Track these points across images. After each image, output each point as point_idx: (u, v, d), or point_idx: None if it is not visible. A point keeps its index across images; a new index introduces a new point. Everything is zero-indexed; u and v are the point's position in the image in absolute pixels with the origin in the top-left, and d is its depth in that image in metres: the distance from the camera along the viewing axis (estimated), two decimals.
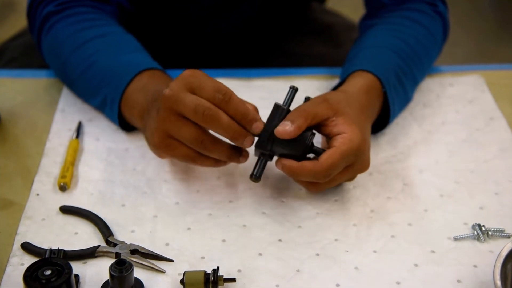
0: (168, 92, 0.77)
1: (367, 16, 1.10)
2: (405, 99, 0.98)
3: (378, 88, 0.92)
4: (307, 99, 0.84)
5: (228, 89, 0.77)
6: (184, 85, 0.77)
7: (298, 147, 0.79)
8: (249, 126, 0.78)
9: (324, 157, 0.78)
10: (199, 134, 0.77)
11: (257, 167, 0.80)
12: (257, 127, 0.79)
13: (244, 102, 0.79)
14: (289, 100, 0.81)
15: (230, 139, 0.79)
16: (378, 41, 1.00)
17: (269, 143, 0.79)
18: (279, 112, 0.80)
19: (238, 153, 0.81)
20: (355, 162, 0.81)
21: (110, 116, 0.94)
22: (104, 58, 0.94)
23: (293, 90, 0.81)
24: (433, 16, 1.04)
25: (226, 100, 0.76)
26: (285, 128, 0.78)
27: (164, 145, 0.80)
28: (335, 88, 0.96)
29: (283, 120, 0.79)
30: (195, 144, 0.78)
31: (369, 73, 0.92)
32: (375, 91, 0.92)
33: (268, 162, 0.81)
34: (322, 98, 0.82)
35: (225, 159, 0.81)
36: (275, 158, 0.82)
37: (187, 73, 0.78)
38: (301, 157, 0.80)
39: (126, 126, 0.94)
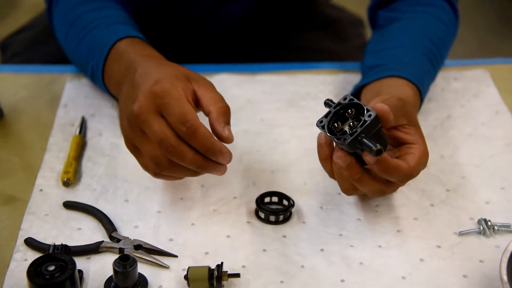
0: (136, 110, 0.75)
1: (380, 6, 1.07)
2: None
3: (418, 103, 0.92)
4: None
5: (194, 119, 0.75)
6: (153, 104, 0.75)
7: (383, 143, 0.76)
8: (216, 159, 0.76)
9: (413, 161, 0.77)
10: (158, 155, 0.76)
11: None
12: (223, 159, 0.76)
13: (209, 136, 0.75)
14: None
15: (197, 170, 0.77)
16: (410, 42, 0.98)
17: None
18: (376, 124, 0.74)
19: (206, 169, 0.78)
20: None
21: (100, 88, 0.95)
22: (93, 31, 0.94)
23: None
24: (449, 12, 1.03)
25: (190, 134, 0.74)
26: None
27: (131, 150, 0.80)
28: (366, 78, 0.94)
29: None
30: (153, 161, 0.77)
31: (413, 85, 0.90)
32: (417, 106, 0.91)
33: None
34: (401, 103, 0.80)
35: (182, 177, 0.81)
36: None
37: (157, 90, 0.76)
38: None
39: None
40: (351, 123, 0.73)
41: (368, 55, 1.00)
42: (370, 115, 0.72)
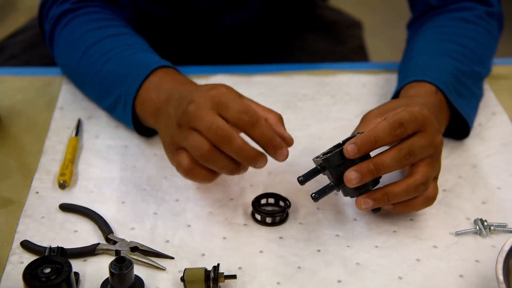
0: (192, 109, 0.74)
1: (414, 21, 1.08)
2: (475, 97, 0.97)
3: (440, 95, 0.89)
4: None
5: (256, 111, 0.74)
6: (210, 103, 0.74)
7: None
8: (274, 153, 0.76)
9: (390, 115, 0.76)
10: (201, 141, 0.73)
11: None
12: (282, 154, 0.76)
13: (270, 128, 0.75)
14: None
15: (243, 162, 0.76)
16: (426, 49, 0.98)
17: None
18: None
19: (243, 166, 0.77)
20: (425, 130, 0.76)
21: (122, 116, 0.92)
22: (117, 57, 0.93)
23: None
24: (475, 7, 1.02)
25: (252, 122, 0.73)
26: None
27: (172, 153, 0.78)
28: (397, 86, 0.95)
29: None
30: (194, 148, 0.74)
31: (425, 83, 0.90)
32: (438, 97, 0.88)
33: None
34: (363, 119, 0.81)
35: (217, 174, 0.78)
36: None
37: (215, 92, 0.74)
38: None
39: (138, 127, 0.92)
40: None
41: (398, 78, 1.00)
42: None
